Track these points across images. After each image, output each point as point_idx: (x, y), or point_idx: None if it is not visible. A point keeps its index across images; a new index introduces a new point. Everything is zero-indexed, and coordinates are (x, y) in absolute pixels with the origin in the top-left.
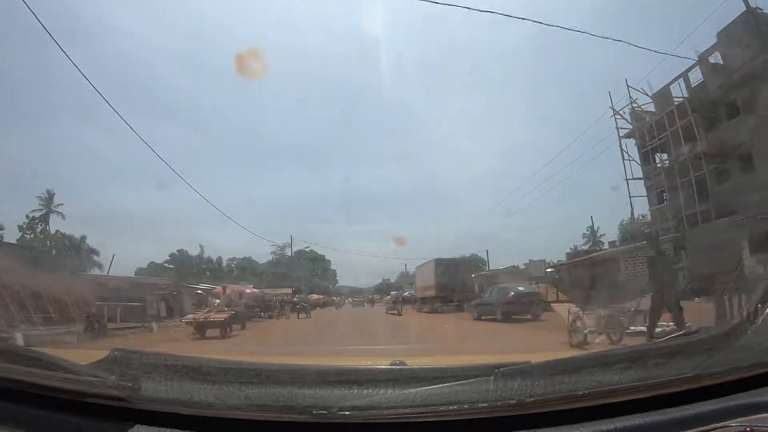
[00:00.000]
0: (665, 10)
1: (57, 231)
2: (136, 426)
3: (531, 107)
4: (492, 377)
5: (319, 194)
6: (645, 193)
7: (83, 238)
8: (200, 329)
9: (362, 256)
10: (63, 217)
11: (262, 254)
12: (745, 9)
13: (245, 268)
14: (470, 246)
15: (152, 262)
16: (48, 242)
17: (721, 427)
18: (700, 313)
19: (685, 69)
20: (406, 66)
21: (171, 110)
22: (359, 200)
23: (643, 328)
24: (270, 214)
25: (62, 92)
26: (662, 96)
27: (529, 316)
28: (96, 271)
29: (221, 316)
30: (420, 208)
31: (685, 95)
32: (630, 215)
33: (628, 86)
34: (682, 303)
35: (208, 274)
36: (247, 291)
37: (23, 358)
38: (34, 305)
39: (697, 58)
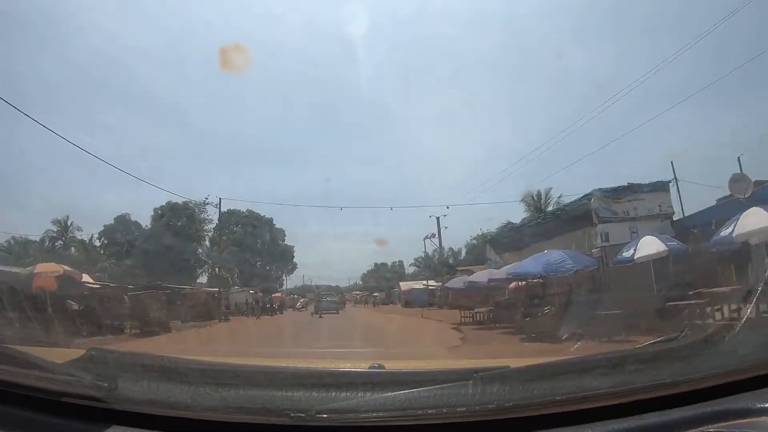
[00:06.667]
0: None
1: None
2: (113, 426)
3: (511, 109)
4: (471, 381)
5: (299, 193)
6: None
7: None
8: None
9: (336, 243)
10: None
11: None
12: None
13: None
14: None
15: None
16: None
17: None
18: None
19: None
20: (385, 67)
21: (148, 106)
22: (338, 200)
23: None
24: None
25: None
26: None
27: None
28: None
29: None
30: (398, 206)
31: None
32: None
33: None
34: None
35: None
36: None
37: None
38: None
39: None
